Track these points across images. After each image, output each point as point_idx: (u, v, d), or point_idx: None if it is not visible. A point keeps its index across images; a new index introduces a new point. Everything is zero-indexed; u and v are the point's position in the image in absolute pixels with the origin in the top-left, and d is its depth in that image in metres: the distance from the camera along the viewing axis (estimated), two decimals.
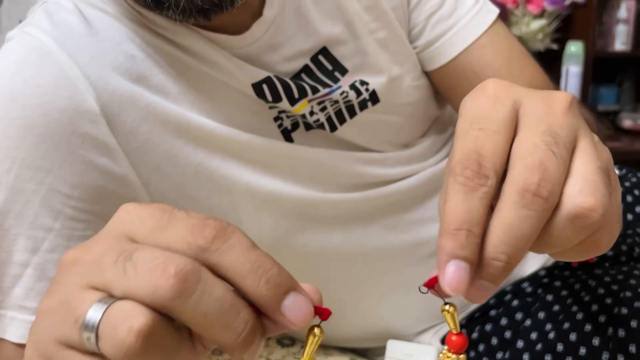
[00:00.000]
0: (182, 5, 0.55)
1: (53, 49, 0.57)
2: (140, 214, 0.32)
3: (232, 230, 0.31)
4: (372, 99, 0.72)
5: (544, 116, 0.34)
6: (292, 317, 0.31)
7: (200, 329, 0.30)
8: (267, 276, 0.30)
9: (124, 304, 0.29)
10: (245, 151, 0.65)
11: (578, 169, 0.33)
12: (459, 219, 0.32)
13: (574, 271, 0.83)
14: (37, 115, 0.56)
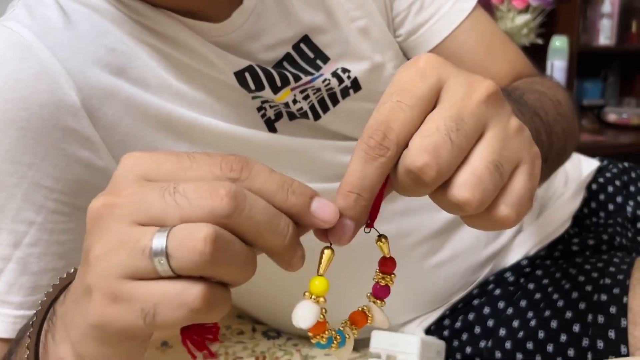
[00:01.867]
0: None
1: (33, 43, 0.57)
2: (154, 158, 0.34)
3: (252, 160, 0.35)
4: (354, 86, 0.73)
5: (459, 101, 0.36)
6: (322, 216, 0.35)
7: (254, 237, 0.34)
8: (292, 189, 0.35)
9: (184, 226, 0.32)
10: (227, 142, 0.65)
11: (471, 160, 0.36)
12: (352, 183, 0.36)
13: (555, 260, 0.85)
14: (18, 110, 0.56)
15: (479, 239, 0.82)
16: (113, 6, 0.61)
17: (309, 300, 0.38)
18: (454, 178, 0.35)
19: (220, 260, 0.32)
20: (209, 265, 0.32)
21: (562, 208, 0.90)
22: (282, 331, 0.85)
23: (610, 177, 0.97)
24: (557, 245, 0.87)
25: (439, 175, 0.35)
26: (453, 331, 0.82)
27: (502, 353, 0.77)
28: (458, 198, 0.35)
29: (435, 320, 0.82)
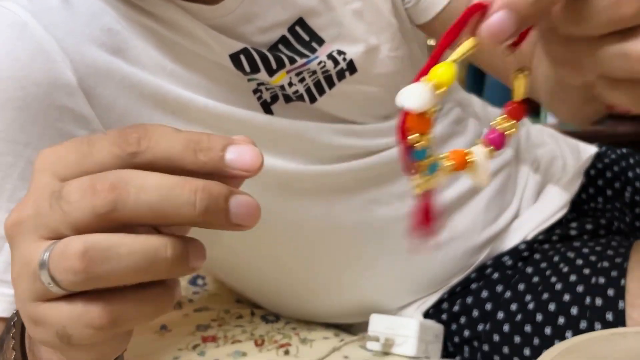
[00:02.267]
0: None
1: (29, 22, 0.57)
2: (58, 152, 0.32)
3: (151, 127, 0.32)
4: (350, 68, 0.72)
5: None
6: (240, 165, 0.32)
7: (156, 221, 0.30)
8: (200, 146, 0.31)
9: (63, 240, 0.30)
10: (224, 123, 0.65)
11: None
12: None
13: (553, 244, 0.84)
14: (14, 89, 0.56)
15: (476, 222, 0.82)
16: None
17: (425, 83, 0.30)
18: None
19: (101, 271, 0.30)
20: (92, 281, 0.30)
21: (560, 193, 0.90)
22: (281, 315, 0.85)
23: (608, 163, 0.97)
24: (555, 229, 0.87)
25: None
26: (451, 315, 0.82)
27: (500, 336, 0.77)
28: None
29: (433, 303, 0.82)
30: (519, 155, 0.91)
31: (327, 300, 0.81)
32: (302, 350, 0.76)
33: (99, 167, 0.31)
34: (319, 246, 0.75)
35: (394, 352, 0.76)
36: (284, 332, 0.81)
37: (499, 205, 0.85)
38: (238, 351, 0.75)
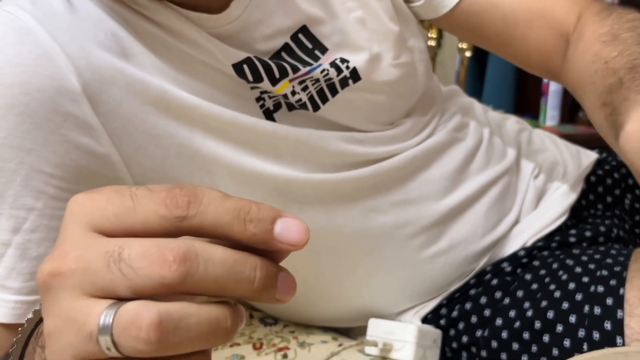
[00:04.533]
0: None
1: (33, 27, 0.57)
2: (96, 203, 0.31)
3: (201, 190, 0.31)
4: (353, 76, 0.72)
5: None
6: (288, 239, 0.31)
7: (217, 293, 0.30)
8: (250, 216, 0.30)
9: (130, 305, 0.29)
10: (227, 129, 0.65)
11: None
12: None
13: (552, 251, 0.84)
14: (17, 94, 0.55)
15: (476, 230, 0.82)
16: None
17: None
18: None
19: (172, 342, 0.29)
20: (160, 351, 0.29)
21: (560, 200, 0.90)
22: (280, 318, 0.85)
23: (609, 170, 0.97)
24: (555, 236, 0.87)
25: None
26: (450, 320, 0.82)
27: (498, 342, 0.77)
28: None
29: (432, 309, 0.82)
30: (520, 161, 0.91)
31: (326, 304, 0.81)
32: (301, 354, 0.77)
33: (141, 226, 0.30)
34: (319, 253, 0.75)
35: (392, 356, 0.76)
36: (283, 335, 0.81)
37: (499, 212, 0.85)
38: (236, 354, 0.75)
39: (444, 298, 0.82)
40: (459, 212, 0.81)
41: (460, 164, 0.82)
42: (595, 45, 0.66)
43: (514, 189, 0.88)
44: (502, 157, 0.88)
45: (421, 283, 0.81)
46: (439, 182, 0.80)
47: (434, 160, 0.80)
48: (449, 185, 0.81)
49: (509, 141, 0.92)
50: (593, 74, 0.64)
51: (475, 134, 0.86)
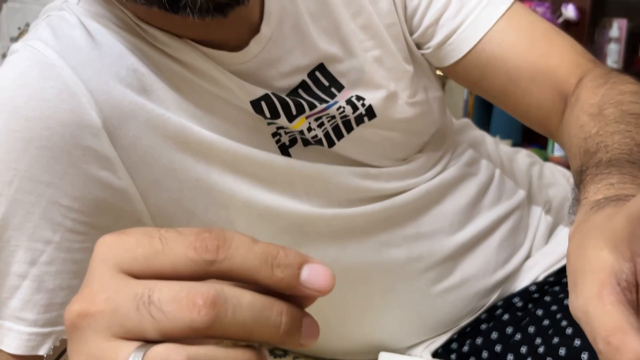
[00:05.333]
0: (199, 4, 0.55)
1: (57, 62, 0.58)
2: (125, 244, 0.31)
3: (229, 234, 0.31)
4: (369, 113, 0.73)
5: None
6: (315, 285, 0.31)
7: (244, 337, 0.30)
8: (277, 262, 0.31)
9: (159, 348, 0.29)
10: (243, 164, 0.66)
11: None
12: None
13: (563, 286, 0.84)
14: (39, 129, 0.56)
15: (488, 265, 0.82)
16: (133, 31, 0.62)
17: None
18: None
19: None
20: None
21: None
22: (289, 350, 0.85)
23: None
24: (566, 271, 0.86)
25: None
26: (460, 355, 0.81)
27: None
28: None
29: (442, 343, 0.82)
30: (531, 196, 0.91)
31: (337, 337, 0.81)
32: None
33: (170, 268, 0.30)
34: None
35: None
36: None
37: (511, 247, 0.85)
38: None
39: (455, 333, 0.82)
40: (471, 247, 0.81)
41: (472, 198, 0.82)
42: (584, 116, 0.66)
43: (526, 224, 0.88)
44: (513, 191, 0.88)
45: (432, 317, 0.81)
46: (452, 217, 0.80)
47: (446, 194, 0.81)
48: (461, 219, 0.81)
49: (521, 175, 0.92)
50: (575, 147, 0.64)
51: (487, 168, 0.87)
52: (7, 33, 2.02)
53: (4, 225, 0.57)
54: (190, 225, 0.65)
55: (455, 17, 0.76)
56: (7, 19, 2.01)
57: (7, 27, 2.01)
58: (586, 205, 0.50)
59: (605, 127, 0.62)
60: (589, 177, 0.55)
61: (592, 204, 0.49)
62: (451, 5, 0.76)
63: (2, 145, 0.56)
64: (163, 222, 0.64)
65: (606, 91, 0.68)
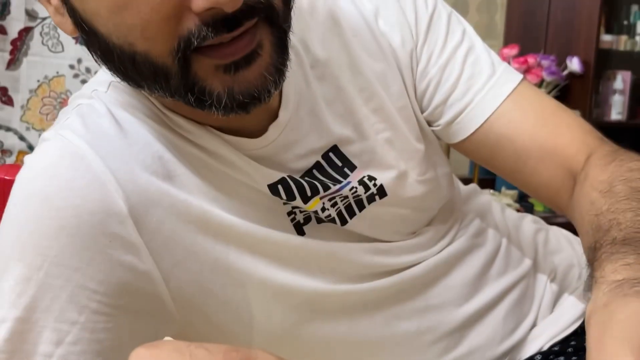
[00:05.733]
0: (224, 102, 0.58)
1: (87, 153, 0.61)
2: (159, 359, 0.33)
3: (255, 355, 0.33)
4: (380, 193, 0.75)
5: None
6: None
7: None
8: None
9: None
10: (260, 245, 0.68)
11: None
12: None
13: (568, 356, 0.85)
14: (69, 217, 0.59)
15: (495, 335, 0.83)
16: (159, 120, 0.65)
17: None
18: None
19: None
20: None
21: (576, 303, 0.91)
22: None
23: None
24: (570, 340, 0.87)
25: None
26: None
27: None
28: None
29: None
30: (537, 265, 0.93)
31: None
32: None
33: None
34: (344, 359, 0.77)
35: None
36: None
37: (517, 317, 0.86)
38: None
39: None
40: (479, 318, 0.83)
41: (479, 270, 0.84)
42: (594, 193, 0.67)
43: (532, 293, 0.89)
44: (520, 261, 0.90)
45: None
46: (460, 289, 0.82)
47: (454, 266, 0.82)
48: (469, 291, 0.82)
49: (527, 244, 0.93)
50: (588, 224, 0.65)
51: (494, 239, 0.88)
52: (27, 85, 2.07)
53: (32, 307, 0.59)
54: (208, 303, 0.67)
55: (463, 98, 0.79)
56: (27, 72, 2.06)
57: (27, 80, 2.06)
58: (604, 284, 0.51)
59: (616, 205, 0.63)
60: (604, 255, 0.56)
61: (611, 283, 0.50)
62: (459, 86, 0.79)
63: (34, 233, 0.59)
64: (183, 302, 0.66)
65: (614, 168, 0.70)
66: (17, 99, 2.08)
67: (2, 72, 2.05)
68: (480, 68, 0.79)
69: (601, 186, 0.68)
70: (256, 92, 0.58)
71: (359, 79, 0.75)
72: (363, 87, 0.75)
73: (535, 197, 0.83)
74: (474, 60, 0.79)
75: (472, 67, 0.79)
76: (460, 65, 0.79)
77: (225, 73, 0.57)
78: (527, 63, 2.35)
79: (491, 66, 0.80)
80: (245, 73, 0.57)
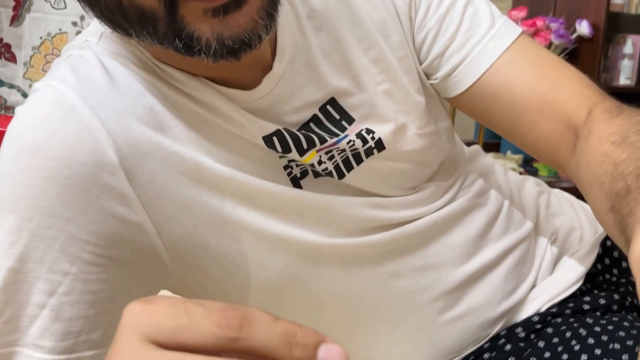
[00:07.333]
0: (213, 48, 0.56)
1: (77, 103, 0.60)
2: (153, 315, 0.33)
3: (252, 313, 0.33)
4: (378, 146, 0.74)
5: None
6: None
7: None
8: (296, 341, 0.33)
9: None
10: (256, 197, 0.67)
11: None
12: None
13: (566, 318, 0.85)
14: (60, 167, 0.58)
15: (494, 296, 0.83)
16: (151, 70, 0.64)
17: None
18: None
19: None
20: None
21: (576, 266, 0.91)
22: None
23: None
24: (569, 302, 0.87)
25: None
26: None
27: None
28: None
29: None
30: (539, 227, 0.92)
31: None
32: None
33: (194, 342, 0.32)
34: (340, 316, 0.76)
35: None
36: None
37: (517, 278, 0.85)
38: None
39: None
40: (478, 278, 0.82)
41: (481, 229, 0.83)
42: (604, 144, 0.65)
43: (532, 255, 0.89)
44: (521, 223, 0.89)
45: (437, 346, 0.82)
46: (460, 248, 0.81)
47: (455, 225, 0.82)
48: (469, 251, 0.82)
49: (529, 206, 0.93)
50: (602, 174, 0.63)
51: (496, 199, 0.87)
52: (30, 42, 2.05)
53: (25, 258, 0.58)
54: (203, 257, 0.67)
55: (460, 50, 0.77)
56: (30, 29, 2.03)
57: (30, 37, 2.04)
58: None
59: (637, 153, 0.62)
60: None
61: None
62: (457, 38, 0.77)
63: (24, 183, 0.58)
64: (178, 255, 0.66)
65: (623, 121, 0.68)
66: (20, 56, 2.06)
67: (6, 28, 2.03)
68: (479, 20, 0.77)
69: (613, 138, 0.66)
70: (246, 36, 0.56)
71: (357, 29, 0.73)
72: (362, 36, 0.73)
73: (533, 154, 0.81)
74: (473, 11, 0.77)
75: (471, 18, 0.77)
76: (460, 16, 0.77)
77: (214, 16, 0.55)
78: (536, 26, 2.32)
79: (491, 18, 0.78)
80: (235, 16, 0.55)
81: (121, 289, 0.63)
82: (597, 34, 2.44)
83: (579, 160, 0.71)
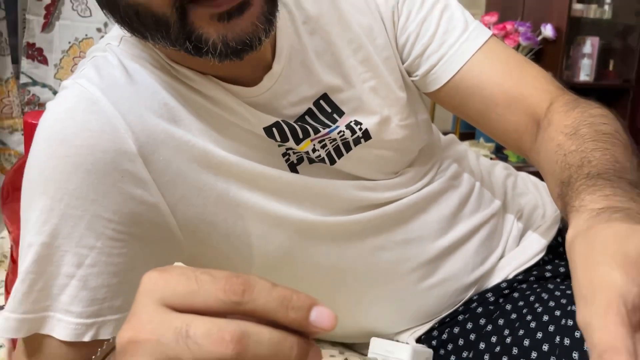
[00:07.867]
0: (219, 49, 0.57)
1: (100, 98, 0.60)
2: (167, 282, 0.33)
3: (253, 280, 0.33)
4: (365, 136, 0.74)
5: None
6: (321, 325, 0.34)
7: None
8: (292, 304, 0.33)
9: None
10: (257, 181, 0.67)
11: None
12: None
13: (530, 284, 0.85)
14: (86, 155, 0.58)
15: (466, 266, 0.83)
16: (165, 70, 0.64)
17: None
18: None
19: None
20: None
21: (539, 239, 0.91)
22: None
23: None
24: (533, 270, 0.88)
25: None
26: (440, 342, 0.83)
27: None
28: None
29: (425, 331, 0.84)
30: (506, 205, 0.92)
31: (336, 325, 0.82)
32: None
33: (203, 306, 0.33)
34: (331, 284, 0.77)
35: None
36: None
37: (487, 250, 0.86)
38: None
39: (436, 322, 0.84)
40: (452, 250, 0.83)
41: (454, 208, 0.84)
42: (559, 136, 0.66)
43: (500, 230, 0.89)
44: (491, 201, 0.89)
45: (417, 310, 0.83)
46: (436, 224, 0.81)
47: (432, 204, 0.82)
48: (444, 227, 0.82)
49: (497, 187, 0.93)
50: (554, 164, 0.64)
51: (468, 181, 0.88)
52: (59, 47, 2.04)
53: (55, 234, 0.59)
54: (212, 234, 0.67)
55: (438, 51, 0.77)
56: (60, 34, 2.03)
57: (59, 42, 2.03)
58: (585, 212, 0.49)
59: (583, 145, 0.62)
60: (581, 187, 0.54)
61: (592, 211, 0.48)
62: (435, 40, 0.77)
63: (54, 169, 0.58)
64: (189, 232, 0.66)
65: (577, 114, 0.68)
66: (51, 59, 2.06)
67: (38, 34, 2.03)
68: (454, 24, 0.77)
69: (567, 130, 0.66)
70: (248, 39, 0.56)
71: (347, 33, 0.73)
72: (351, 39, 0.74)
73: (502, 142, 0.82)
74: (448, 16, 0.78)
75: (447, 23, 0.77)
76: (437, 21, 0.77)
77: (220, 21, 0.55)
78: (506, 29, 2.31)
79: (464, 22, 0.78)
80: (238, 21, 0.56)
81: (140, 261, 0.63)
82: (560, 36, 2.43)
83: (539, 149, 0.71)
